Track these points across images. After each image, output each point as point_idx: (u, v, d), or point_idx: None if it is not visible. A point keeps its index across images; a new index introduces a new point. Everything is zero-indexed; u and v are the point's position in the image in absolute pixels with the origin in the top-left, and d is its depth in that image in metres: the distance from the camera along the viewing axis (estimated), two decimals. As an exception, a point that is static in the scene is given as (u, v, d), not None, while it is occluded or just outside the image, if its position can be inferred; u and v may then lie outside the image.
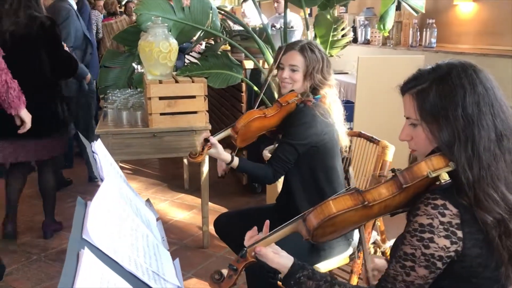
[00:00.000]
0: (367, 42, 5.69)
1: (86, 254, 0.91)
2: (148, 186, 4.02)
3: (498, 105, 1.08)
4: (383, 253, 2.05)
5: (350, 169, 1.31)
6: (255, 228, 1.28)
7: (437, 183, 1.06)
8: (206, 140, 1.81)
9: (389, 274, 1.12)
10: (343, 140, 1.95)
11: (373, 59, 3.60)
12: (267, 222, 1.28)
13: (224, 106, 4.27)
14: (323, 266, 1.85)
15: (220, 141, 1.84)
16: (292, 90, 1.91)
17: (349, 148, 2.09)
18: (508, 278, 1.11)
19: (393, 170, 1.12)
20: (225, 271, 1.20)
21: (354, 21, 5.99)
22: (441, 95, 1.08)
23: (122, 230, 1.16)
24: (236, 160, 1.85)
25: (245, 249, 1.19)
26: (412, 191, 1.09)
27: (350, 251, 1.89)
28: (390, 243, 2.16)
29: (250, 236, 1.26)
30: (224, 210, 3.50)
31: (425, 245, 1.05)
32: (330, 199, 1.12)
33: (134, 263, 1.08)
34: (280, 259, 1.19)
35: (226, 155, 1.83)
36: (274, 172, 1.85)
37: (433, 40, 4.59)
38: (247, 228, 2.02)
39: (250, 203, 3.62)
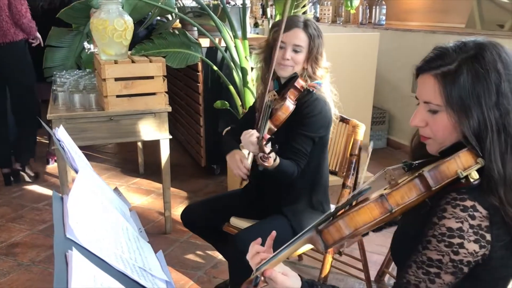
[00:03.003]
0: (316, 20, 5.68)
1: (75, 256, 0.83)
2: (101, 171, 3.84)
3: None
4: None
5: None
6: (259, 240, 1.15)
7: (463, 181, 0.96)
8: (269, 139, 1.59)
9: (410, 281, 1.01)
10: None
11: (334, 37, 3.59)
12: (274, 233, 1.15)
13: (177, 86, 4.14)
14: (300, 250, 1.83)
15: None
16: (295, 73, 1.78)
17: None
18: None
19: (406, 164, 1.04)
20: None
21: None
22: (474, 79, 0.96)
23: (103, 225, 1.08)
24: (278, 158, 1.64)
25: (257, 276, 1.05)
26: (436, 190, 0.98)
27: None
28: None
29: (256, 251, 1.12)
30: (183, 193, 3.42)
31: (454, 251, 0.96)
32: (354, 210, 0.97)
33: (121, 260, 1.01)
34: (290, 282, 1.06)
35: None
36: (298, 167, 1.72)
37: (383, 18, 4.65)
38: (215, 216, 1.98)
39: (210, 185, 3.55)
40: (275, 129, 1.72)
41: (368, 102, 3.58)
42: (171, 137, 2.70)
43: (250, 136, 1.65)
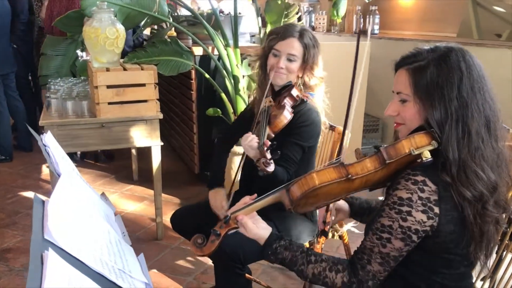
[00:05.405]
0: (311, 29, 5.74)
1: (51, 256, 0.86)
2: (95, 178, 3.87)
3: (488, 92, 1.12)
4: (341, 237, 2.09)
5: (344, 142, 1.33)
6: (249, 196, 1.30)
7: (419, 160, 1.09)
8: (271, 145, 1.57)
9: (366, 246, 1.15)
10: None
11: (324, 45, 3.61)
12: (255, 195, 1.29)
13: (172, 94, 4.18)
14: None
15: None
16: (290, 82, 1.80)
17: None
18: (476, 257, 1.16)
19: (376, 147, 1.15)
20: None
21: (298, 8, 6.02)
22: (439, 74, 1.10)
23: (83, 228, 1.11)
24: (273, 165, 1.67)
25: (229, 215, 1.23)
26: (394, 167, 1.12)
27: (311, 237, 1.91)
28: (347, 226, 2.20)
29: (239, 205, 1.28)
30: (176, 200, 3.44)
31: (403, 217, 1.09)
32: (314, 171, 1.14)
33: (99, 262, 1.03)
34: (258, 230, 1.24)
35: None
36: (288, 174, 1.74)
37: (376, 27, 4.70)
38: (205, 220, 2.00)
39: (203, 192, 3.56)
40: (273, 136, 1.73)
41: (360, 109, 3.61)
42: (162, 143, 2.73)
43: (250, 141, 1.66)
